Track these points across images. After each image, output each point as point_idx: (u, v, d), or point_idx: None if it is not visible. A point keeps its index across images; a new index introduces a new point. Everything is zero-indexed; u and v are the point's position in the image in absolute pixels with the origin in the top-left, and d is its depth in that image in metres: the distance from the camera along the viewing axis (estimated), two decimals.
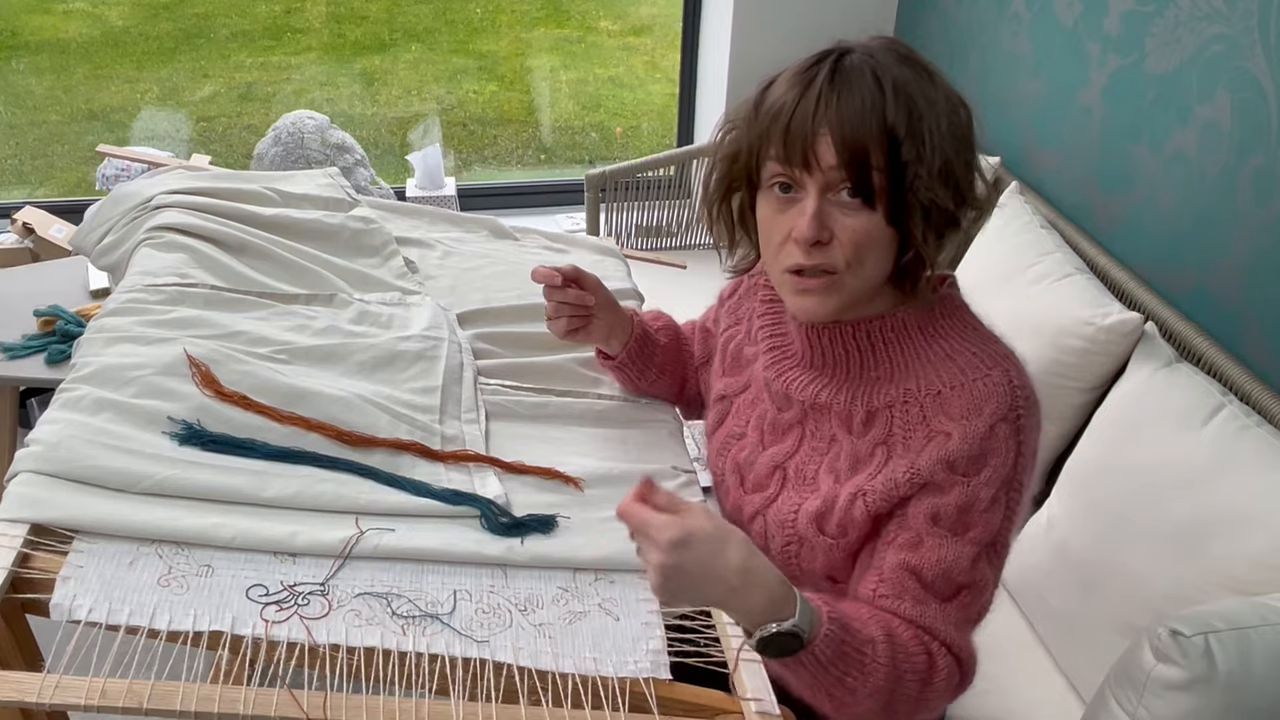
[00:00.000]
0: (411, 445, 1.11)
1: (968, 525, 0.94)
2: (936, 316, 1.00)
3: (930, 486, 0.94)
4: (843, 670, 0.87)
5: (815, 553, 1.02)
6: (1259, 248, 1.52)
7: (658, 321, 1.31)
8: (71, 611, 0.85)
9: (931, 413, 0.96)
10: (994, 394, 0.94)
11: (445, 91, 4.48)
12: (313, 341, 1.23)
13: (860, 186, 0.90)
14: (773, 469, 1.08)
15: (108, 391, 1.06)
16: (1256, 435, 1.33)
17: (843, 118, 0.89)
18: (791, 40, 2.65)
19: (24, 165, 3.89)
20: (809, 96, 0.91)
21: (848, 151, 0.89)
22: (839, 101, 0.89)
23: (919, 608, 0.94)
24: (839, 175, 0.90)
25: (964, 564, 0.93)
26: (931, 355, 0.98)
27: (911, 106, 0.89)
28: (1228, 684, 1.03)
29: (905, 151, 0.89)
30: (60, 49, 4.39)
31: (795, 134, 0.91)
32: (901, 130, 0.89)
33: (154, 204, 1.40)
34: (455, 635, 0.92)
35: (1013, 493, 0.95)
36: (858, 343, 1.01)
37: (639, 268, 1.73)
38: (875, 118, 0.89)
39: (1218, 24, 1.58)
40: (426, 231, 1.61)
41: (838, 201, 0.92)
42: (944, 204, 0.91)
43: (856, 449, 1.00)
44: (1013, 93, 2.18)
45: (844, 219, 0.92)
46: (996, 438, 0.93)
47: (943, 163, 0.90)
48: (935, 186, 0.90)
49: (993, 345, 0.98)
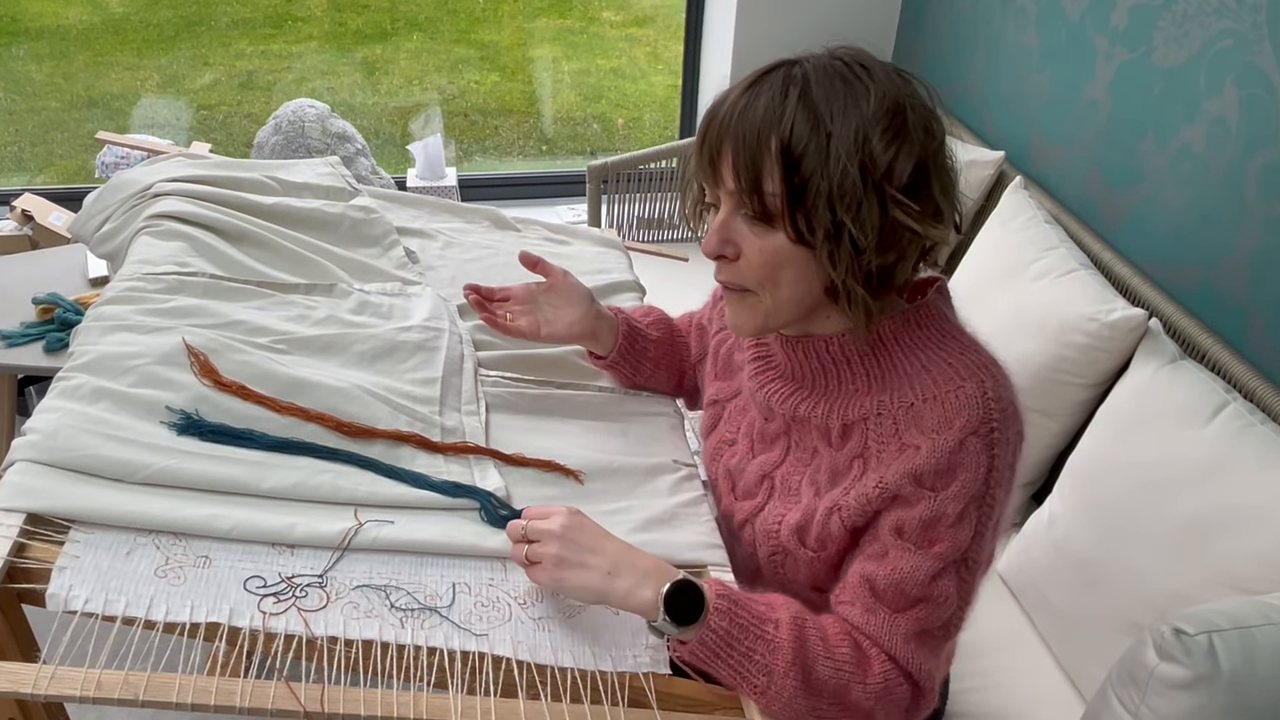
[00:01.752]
0: (411, 437, 1.11)
1: (933, 540, 0.92)
2: (913, 326, 0.96)
3: (899, 500, 0.93)
4: (747, 645, 0.89)
5: (799, 564, 1.02)
6: (1265, 244, 1.51)
7: (647, 317, 1.30)
8: (67, 602, 0.84)
9: (904, 425, 0.94)
10: (966, 407, 0.90)
11: (447, 81, 4.46)
12: (312, 331, 1.22)
13: (756, 208, 0.88)
14: (761, 478, 1.07)
15: (105, 380, 1.05)
16: (1260, 433, 1.32)
17: (739, 133, 0.87)
18: (795, 31, 2.65)
19: (23, 152, 3.87)
20: (720, 111, 0.89)
21: (742, 171, 0.87)
22: (740, 115, 0.87)
23: (866, 615, 0.93)
24: (739, 196, 0.89)
25: (920, 577, 0.91)
26: (908, 366, 0.95)
27: (817, 119, 0.85)
28: (1231, 683, 1.02)
29: (805, 167, 0.85)
30: (60, 36, 4.37)
31: (706, 150, 0.90)
32: (800, 145, 0.84)
33: (153, 192, 1.39)
34: (454, 628, 0.91)
35: (984, 508, 0.92)
36: (832, 355, 0.98)
37: (640, 260, 1.72)
38: (772, 132, 0.85)
39: (1226, 18, 1.57)
40: (427, 222, 1.60)
41: (746, 218, 0.90)
42: (852, 226, 0.85)
43: (835, 462, 0.99)
44: (1018, 87, 2.17)
45: (751, 236, 0.91)
46: (966, 452, 0.90)
47: (852, 182, 0.84)
48: (840, 207, 0.85)
49: (969, 355, 0.94)
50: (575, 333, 1.22)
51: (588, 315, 1.22)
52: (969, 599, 0.96)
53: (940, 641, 0.95)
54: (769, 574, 1.06)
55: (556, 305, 1.22)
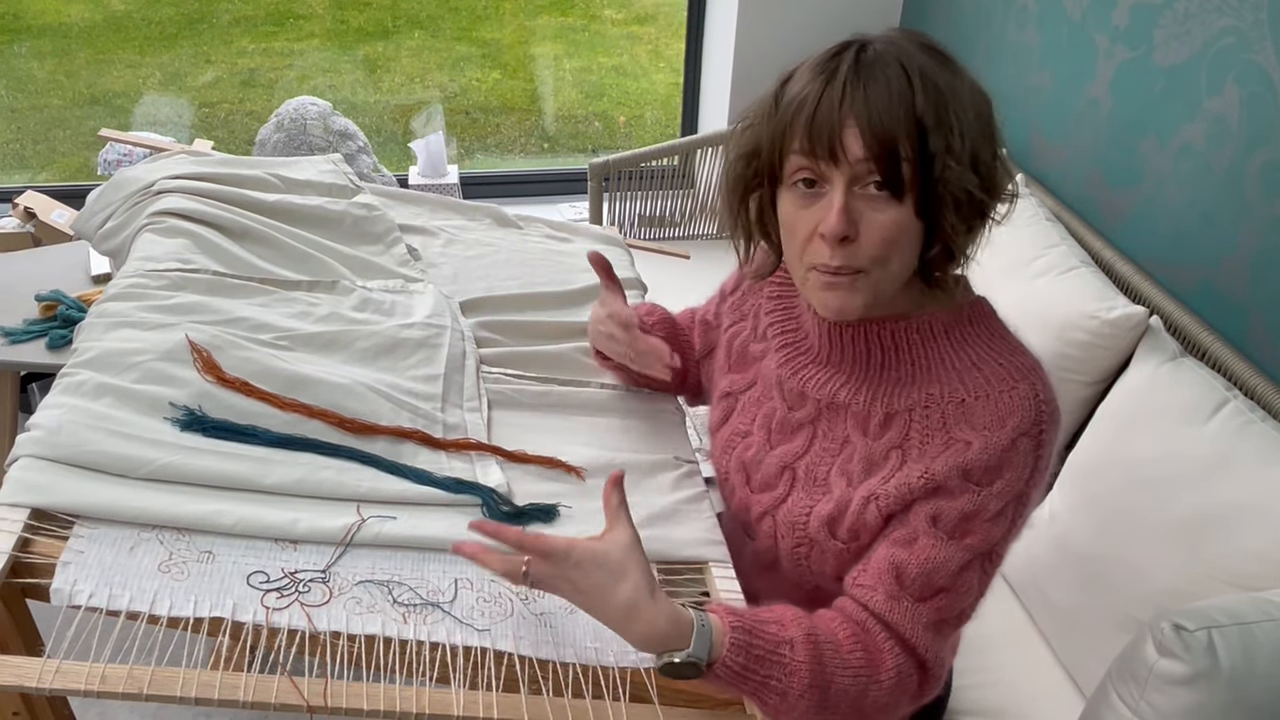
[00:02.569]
0: (413, 433, 1.11)
1: (967, 532, 0.93)
2: (965, 322, 0.98)
3: (941, 490, 0.93)
4: (764, 674, 0.87)
5: (825, 556, 1.02)
6: (1266, 242, 1.51)
7: (651, 317, 1.29)
8: (72, 597, 0.85)
9: (953, 420, 0.94)
10: (1019, 407, 0.92)
11: (448, 79, 4.46)
12: (315, 328, 1.23)
13: (890, 178, 0.88)
14: (781, 469, 1.06)
15: (109, 377, 1.06)
16: (1261, 430, 1.32)
17: (870, 108, 0.86)
18: (797, 29, 2.65)
19: (25, 150, 3.88)
20: (834, 87, 0.88)
21: (877, 143, 0.86)
22: (865, 91, 0.87)
23: (889, 602, 0.93)
24: (867, 168, 0.88)
25: (950, 568, 0.92)
26: (957, 362, 0.96)
27: (938, 96, 0.87)
28: (1230, 679, 1.03)
29: (934, 141, 0.87)
30: (62, 33, 4.38)
31: (820, 126, 0.88)
32: (930, 120, 0.86)
33: (156, 189, 1.40)
34: (456, 623, 0.91)
35: (1021, 506, 0.94)
36: (881, 342, 0.98)
37: (642, 257, 1.72)
38: (903, 107, 0.86)
39: (1227, 16, 1.57)
40: (429, 219, 1.60)
41: (864, 195, 0.89)
42: (975, 194, 0.89)
43: (871, 451, 0.99)
44: (1019, 85, 2.17)
45: (871, 213, 0.89)
46: (1017, 451, 0.92)
47: (972, 152, 0.88)
48: (966, 176, 0.88)
49: (1020, 357, 0.96)
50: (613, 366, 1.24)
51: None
52: (985, 591, 0.97)
53: (952, 629, 0.96)
54: (790, 566, 1.06)
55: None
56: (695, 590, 1.03)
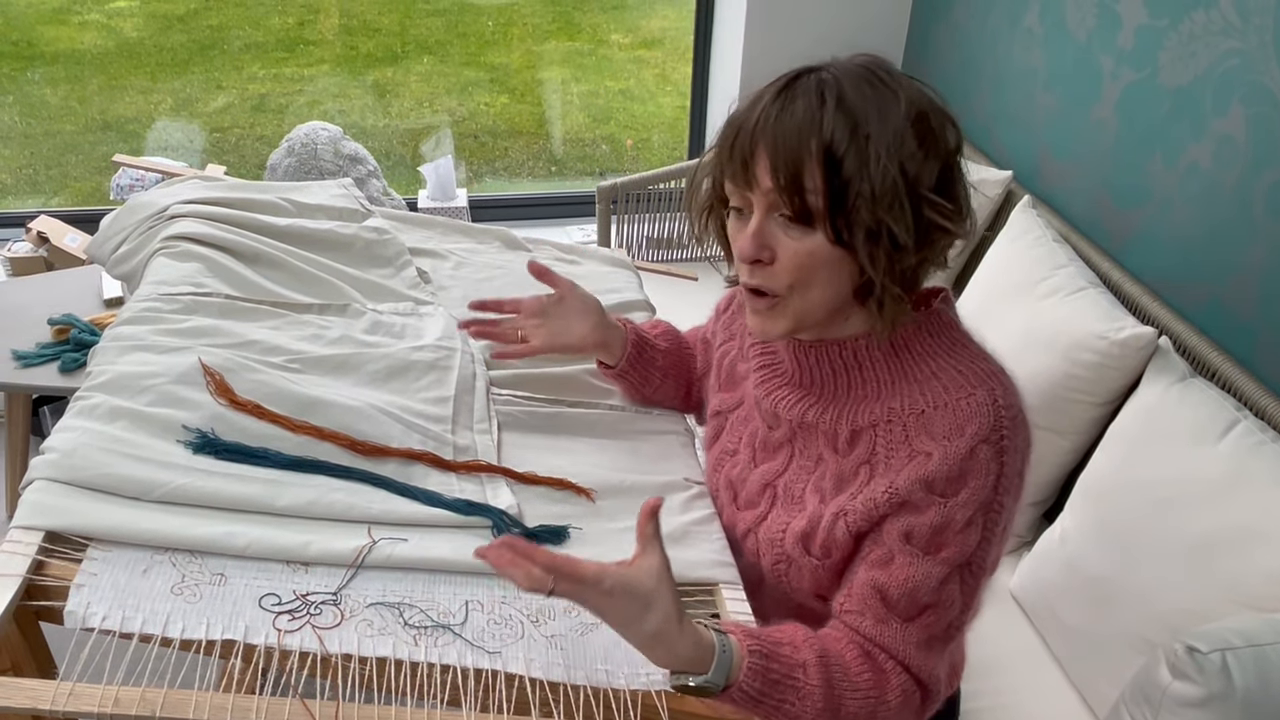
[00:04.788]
0: (424, 455, 1.12)
1: (940, 545, 0.93)
2: (923, 334, 0.97)
3: (908, 505, 0.93)
4: (779, 698, 0.88)
5: (803, 573, 1.02)
6: (1274, 262, 1.51)
7: (655, 329, 1.31)
8: (85, 619, 0.85)
9: (914, 432, 0.94)
10: (977, 414, 0.91)
11: (457, 103, 4.50)
12: (326, 351, 1.24)
13: (796, 208, 0.88)
14: (763, 487, 1.07)
15: (123, 400, 1.07)
16: (1272, 451, 1.32)
17: (777, 135, 0.87)
18: (803, 53, 2.66)
19: (39, 175, 3.91)
20: (751, 114, 0.90)
21: (781, 171, 0.87)
22: (776, 119, 0.88)
23: (879, 626, 0.94)
24: (776, 197, 0.89)
25: (931, 584, 0.93)
26: (917, 374, 0.96)
27: (856, 123, 0.86)
28: (1245, 701, 1.02)
29: (846, 169, 0.86)
30: (75, 60, 4.43)
31: (736, 153, 0.90)
32: (841, 148, 0.86)
33: (169, 214, 1.41)
34: (467, 646, 0.91)
35: (991, 514, 0.93)
36: (844, 361, 0.99)
37: (650, 279, 1.73)
38: (814, 135, 0.86)
39: (1232, 38, 1.58)
40: (439, 242, 1.61)
41: (781, 222, 0.90)
42: (893, 225, 0.87)
43: (841, 468, 0.99)
44: (1026, 106, 2.18)
45: (786, 240, 0.90)
46: (977, 459, 0.91)
47: (897, 179, 0.86)
48: (881, 208, 0.86)
49: (980, 363, 0.95)
50: (588, 343, 1.22)
51: (599, 326, 1.22)
52: (972, 603, 0.97)
53: (944, 644, 0.96)
54: (772, 583, 1.07)
55: (567, 317, 1.21)
56: (705, 612, 1.03)
